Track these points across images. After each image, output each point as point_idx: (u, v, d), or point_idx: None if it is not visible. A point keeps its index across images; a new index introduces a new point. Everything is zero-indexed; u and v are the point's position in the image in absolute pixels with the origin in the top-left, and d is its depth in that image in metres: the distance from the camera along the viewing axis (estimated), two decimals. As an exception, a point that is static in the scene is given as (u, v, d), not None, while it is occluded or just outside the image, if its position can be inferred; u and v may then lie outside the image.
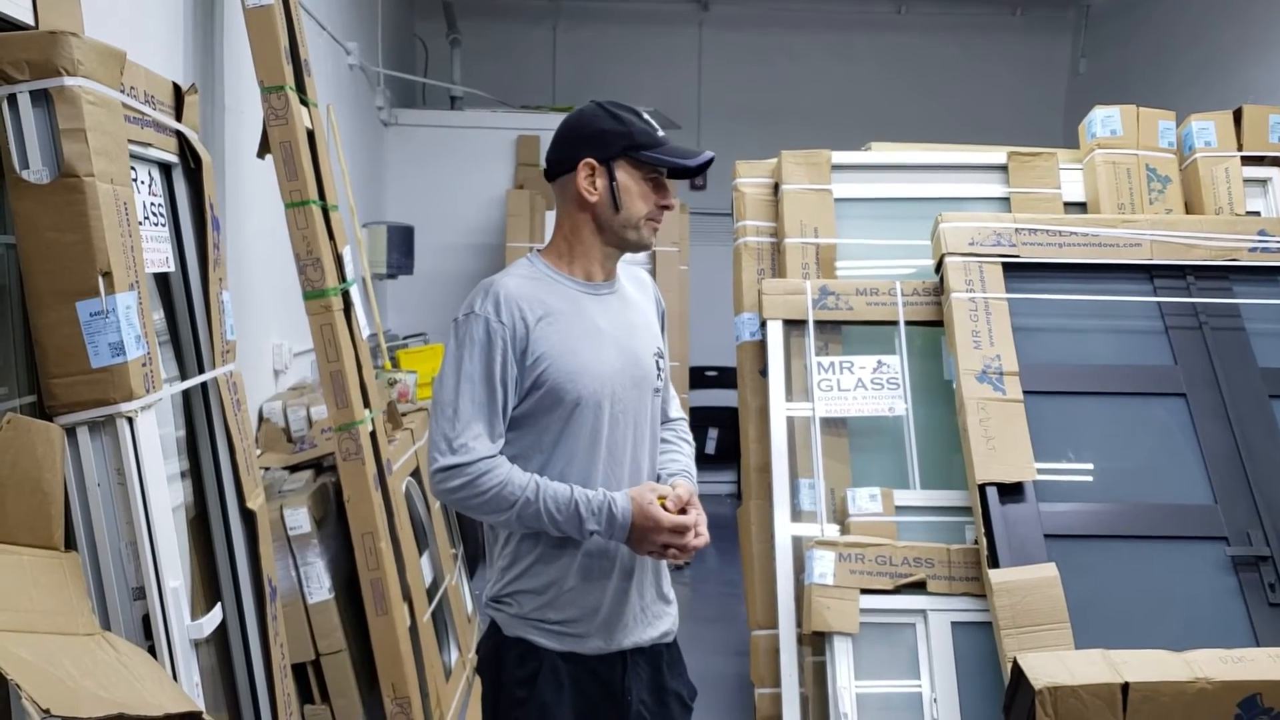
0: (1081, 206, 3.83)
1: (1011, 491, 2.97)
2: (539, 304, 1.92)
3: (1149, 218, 3.51)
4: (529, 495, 1.86)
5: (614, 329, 1.98)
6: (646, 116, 1.97)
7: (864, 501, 3.19)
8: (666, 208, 1.97)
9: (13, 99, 1.72)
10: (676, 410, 2.22)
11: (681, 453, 2.13)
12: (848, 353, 3.49)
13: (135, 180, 1.97)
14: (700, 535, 1.91)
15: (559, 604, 1.94)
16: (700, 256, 6.42)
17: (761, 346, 3.58)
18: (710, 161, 1.97)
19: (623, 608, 1.97)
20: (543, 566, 1.95)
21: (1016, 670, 2.35)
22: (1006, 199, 3.79)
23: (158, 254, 2.10)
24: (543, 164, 2.07)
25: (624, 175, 1.93)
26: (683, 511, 1.91)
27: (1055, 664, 2.32)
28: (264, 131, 3.04)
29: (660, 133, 1.95)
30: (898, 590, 3.02)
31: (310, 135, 3.15)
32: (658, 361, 2.04)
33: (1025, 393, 3.12)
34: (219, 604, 2.19)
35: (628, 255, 2.06)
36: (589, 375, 1.91)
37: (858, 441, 3.43)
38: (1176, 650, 2.40)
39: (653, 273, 5.51)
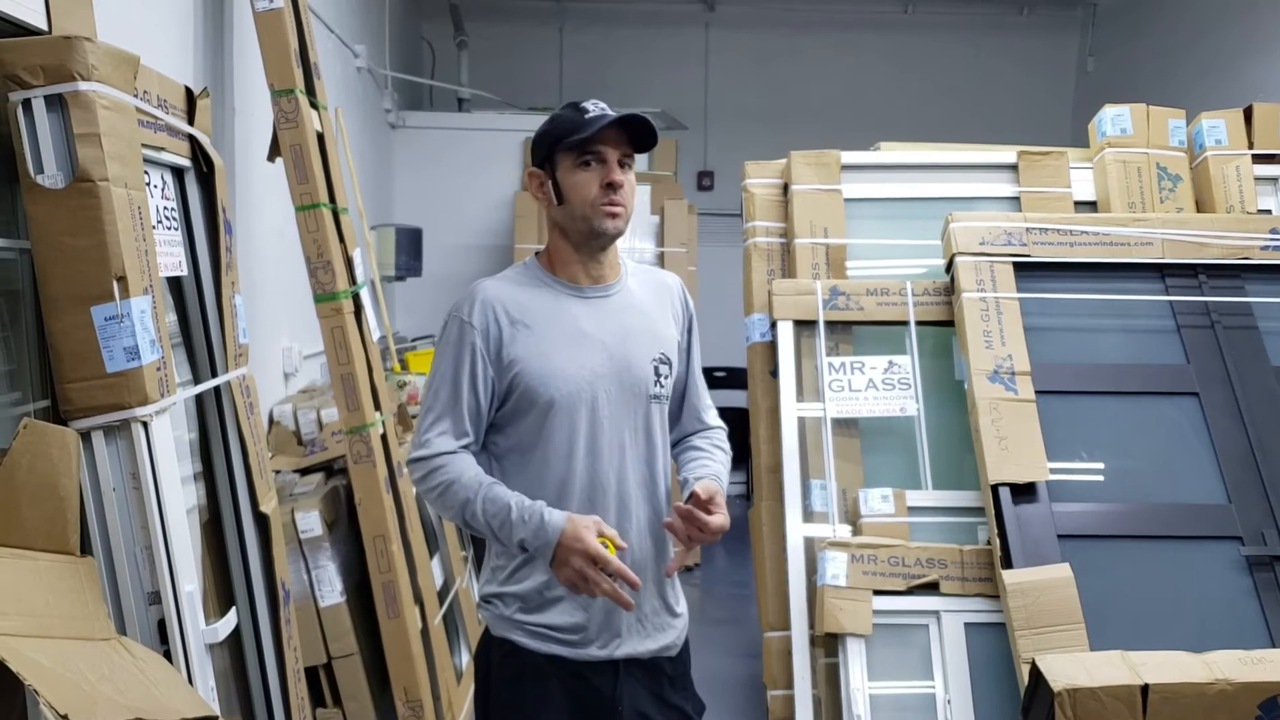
0: (1092, 205, 3.81)
1: (1024, 492, 2.96)
2: (517, 306, 1.93)
3: (1160, 216, 3.50)
4: (470, 495, 1.85)
5: (603, 333, 1.95)
6: (586, 104, 1.90)
7: (876, 502, 3.18)
8: (611, 185, 1.89)
9: (27, 104, 1.72)
10: (714, 419, 2.17)
11: (714, 459, 2.08)
12: (858, 353, 3.48)
13: (149, 184, 1.97)
14: (620, 582, 1.78)
15: (546, 609, 1.92)
16: (709, 257, 6.43)
17: (772, 347, 3.57)
18: (635, 120, 1.87)
19: (615, 616, 1.94)
20: (530, 569, 1.92)
21: (1035, 672, 2.34)
22: (1016, 198, 3.78)
23: (171, 258, 2.09)
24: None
25: (561, 169, 1.92)
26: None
27: (1074, 666, 2.31)
28: (274, 135, 3.04)
29: (593, 114, 1.88)
30: (910, 591, 3.01)
31: (320, 138, 3.15)
32: (657, 368, 1.99)
33: (1037, 392, 3.10)
34: (233, 608, 2.19)
35: (619, 250, 2.04)
36: (563, 378, 1.90)
37: (869, 442, 3.42)
38: (1191, 651, 2.39)
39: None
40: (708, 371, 2.23)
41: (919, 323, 3.46)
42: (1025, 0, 8.22)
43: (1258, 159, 3.74)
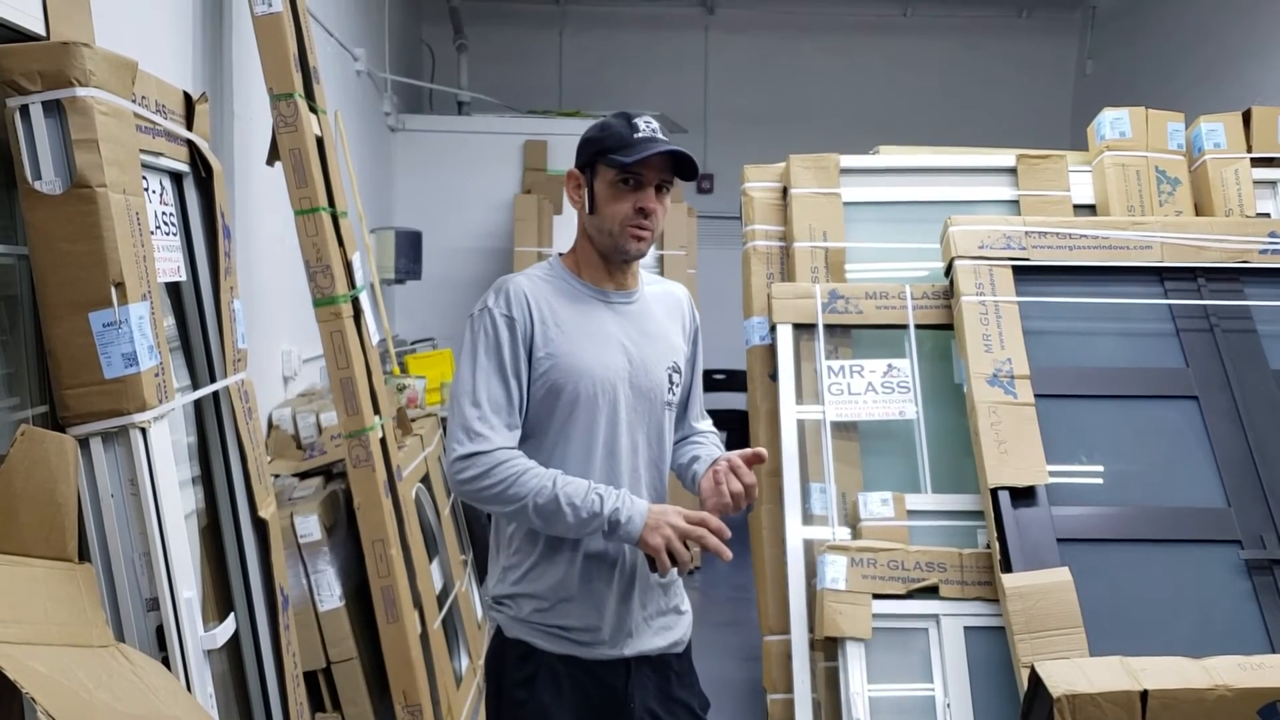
0: (1091, 209, 3.81)
1: (1023, 495, 2.96)
2: (548, 303, 1.96)
3: (1159, 220, 3.50)
4: (546, 484, 1.86)
5: (624, 336, 1.99)
6: (639, 121, 1.93)
7: (875, 506, 3.18)
8: (642, 211, 1.92)
9: (25, 110, 1.71)
10: (707, 425, 2.24)
11: (719, 449, 2.14)
12: (858, 356, 3.48)
13: (147, 190, 1.97)
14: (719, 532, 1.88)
15: (561, 610, 1.95)
16: (708, 260, 6.42)
17: (771, 350, 3.57)
18: (678, 155, 1.90)
19: (627, 615, 1.97)
20: (543, 570, 1.95)
21: (1034, 678, 2.33)
22: (1016, 202, 3.78)
23: (169, 263, 2.09)
24: (550, 168, 2.09)
25: (599, 181, 1.95)
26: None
27: (1073, 671, 2.30)
28: (273, 138, 3.03)
29: (643, 134, 1.91)
30: (910, 595, 3.01)
31: (319, 142, 3.14)
32: (670, 375, 2.04)
33: (1036, 396, 3.10)
34: (232, 613, 2.18)
35: (646, 264, 2.07)
36: (590, 377, 1.93)
37: (869, 445, 3.42)
38: (1190, 655, 2.39)
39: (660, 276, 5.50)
40: (707, 374, 2.26)
41: (918, 326, 3.46)
42: (1024, 3, 8.23)
43: (1256, 162, 3.74)
